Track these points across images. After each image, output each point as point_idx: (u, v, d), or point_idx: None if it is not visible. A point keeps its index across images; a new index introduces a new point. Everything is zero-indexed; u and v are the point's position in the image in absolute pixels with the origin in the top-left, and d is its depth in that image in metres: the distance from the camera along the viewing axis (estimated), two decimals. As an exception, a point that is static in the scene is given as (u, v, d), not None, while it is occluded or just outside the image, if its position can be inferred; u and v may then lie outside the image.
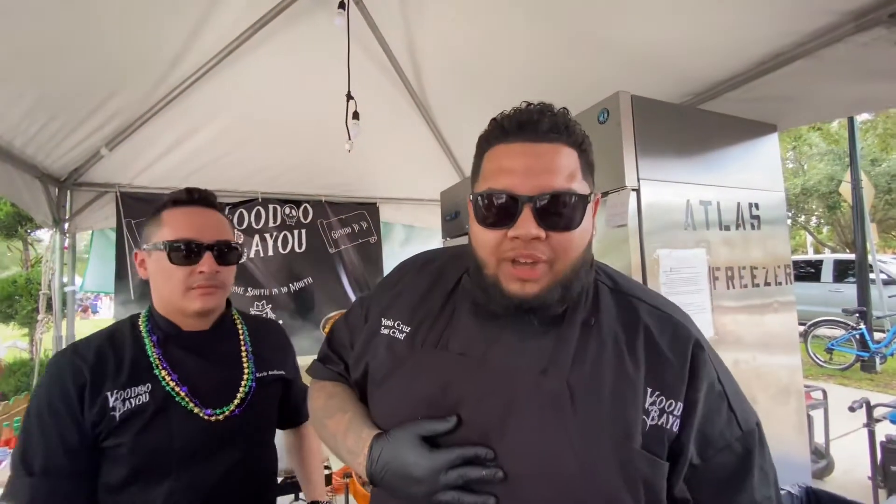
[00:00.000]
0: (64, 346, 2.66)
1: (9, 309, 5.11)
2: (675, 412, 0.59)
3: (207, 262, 0.90)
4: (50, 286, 2.74)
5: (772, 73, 1.72)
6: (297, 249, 3.30)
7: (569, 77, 2.03)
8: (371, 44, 2.31)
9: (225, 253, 0.94)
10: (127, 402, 0.84)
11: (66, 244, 2.73)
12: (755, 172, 1.57)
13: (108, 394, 0.83)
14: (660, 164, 1.34)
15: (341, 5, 1.93)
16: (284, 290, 3.25)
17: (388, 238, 3.73)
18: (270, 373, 1.02)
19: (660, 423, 0.58)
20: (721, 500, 0.61)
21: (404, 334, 0.71)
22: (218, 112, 2.50)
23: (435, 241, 3.87)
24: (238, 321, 1.05)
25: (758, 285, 1.51)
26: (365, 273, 3.51)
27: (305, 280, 3.31)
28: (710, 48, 1.75)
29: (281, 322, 2.39)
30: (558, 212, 0.58)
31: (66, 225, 2.70)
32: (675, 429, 0.59)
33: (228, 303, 1.04)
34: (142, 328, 0.93)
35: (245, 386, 0.96)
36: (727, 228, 1.46)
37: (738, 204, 1.50)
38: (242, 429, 0.93)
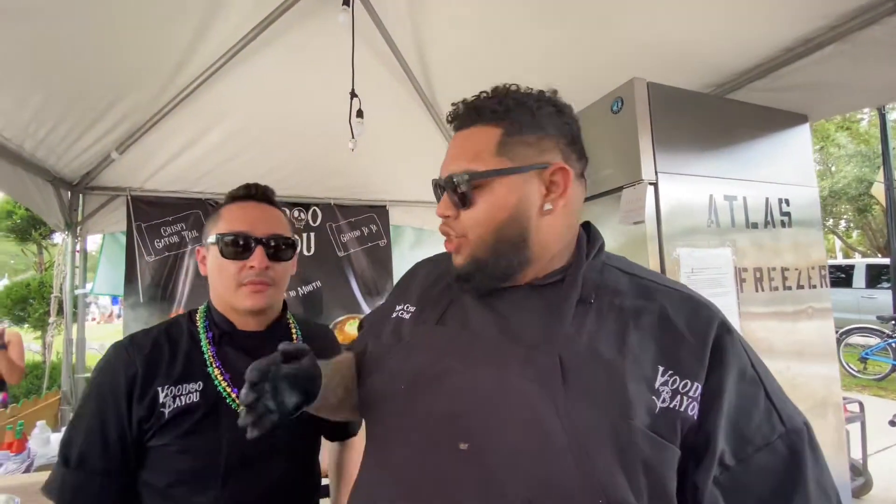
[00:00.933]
0: (74, 350, 2.66)
1: (22, 312, 5.23)
2: (690, 394, 0.52)
3: (258, 256, 0.87)
4: (62, 289, 2.76)
5: (801, 60, 1.60)
6: (305, 253, 3.27)
7: (583, 69, 1.95)
8: (377, 42, 2.27)
9: (278, 248, 0.90)
10: (178, 399, 0.81)
11: (78, 247, 2.75)
12: (785, 166, 1.46)
13: (159, 388, 0.80)
14: (679, 157, 1.24)
15: (345, 2, 1.89)
16: (293, 293, 3.21)
17: (398, 241, 3.67)
18: None
19: (672, 405, 0.52)
20: None
21: (410, 314, 0.74)
22: (225, 114, 2.49)
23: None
24: (293, 325, 1.01)
25: (789, 288, 1.39)
26: (374, 276, 3.45)
27: (314, 284, 3.27)
28: (732, 35, 1.65)
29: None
30: (453, 193, 0.63)
31: (79, 228, 2.72)
32: (693, 413, 0.51)
33: (285, 305, 1.01)
34: (199, 323, 0.91)
35: None
36: (754, 226, 1.35)
37: (767, 200, 1.39)
38: (291, 438, 0.88)
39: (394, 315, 0.76)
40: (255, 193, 0.95)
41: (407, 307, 0.76)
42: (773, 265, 1.37)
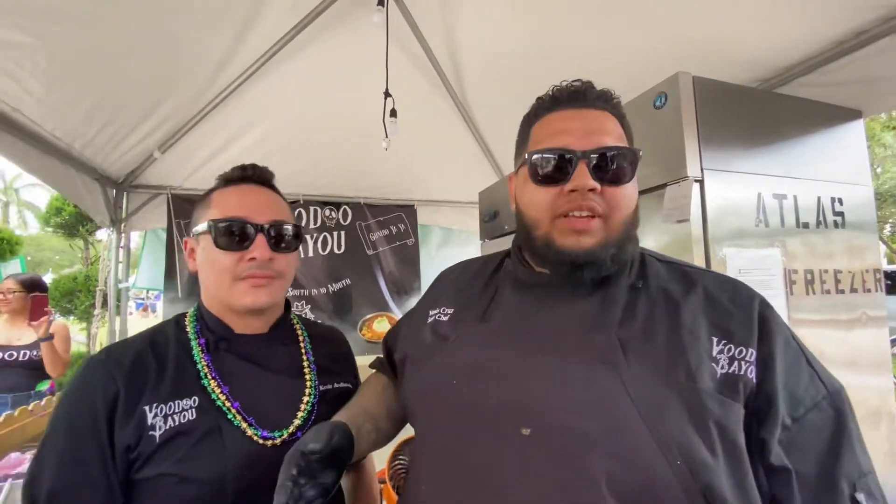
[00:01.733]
0: (117, 340, 2.77)
1: (69, 304, 5.52)
2: (747, 358, 0.56)
3: (259, 246, 0.75)
4: (106, 283, 2.89)
5: (853, 54, 1.52)
6: (336, 251, 3.32)
7: (622, 67, 1.90)
8: (410, 43, 2.28)
9: (282, 237, 0.78)
10: (169, 419, 0.67)
11: (122, 243, 2.87)
12: (838, 164, 1.39)
13: (147, 408, 0.67)
14: (726, 153, 1.19)
15: (380, 2, 1.91)
16: (324, 290, 3.27)
17: (426, 240, 3.69)
18: (335, 385, 0.86)
19: (731, 370, 0.56)
20: (823, 468, 0.54)
21: (448, 315, 0.74)
22: (262, 115, 2.55)
23: (473, 245, 3.79)
24: (298, 326, 0.90)
25: (842, 291, 1.32)
26: (402, 275, 3.48)
27: (344, 281, 3.32)
28: (778, 29, 1.58)
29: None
30: (611, 166, 0.61)
31: (122, 225, 2.85)
32: (752, 376, 0.56)
33: (287, 305, 0.89)
34: (189, 330, 0.78)
35: (307, 403, 0.78)
36: (805, 226, 1.29)
37: (819, 199, 1.32)
38: None
39: (430, 320, 0.76)
40: (251, 175, 0.82)
41: (443, 310, 0.76)
42: (825, 267, 1.30)
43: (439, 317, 0.75)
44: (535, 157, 0.64)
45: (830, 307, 1.30)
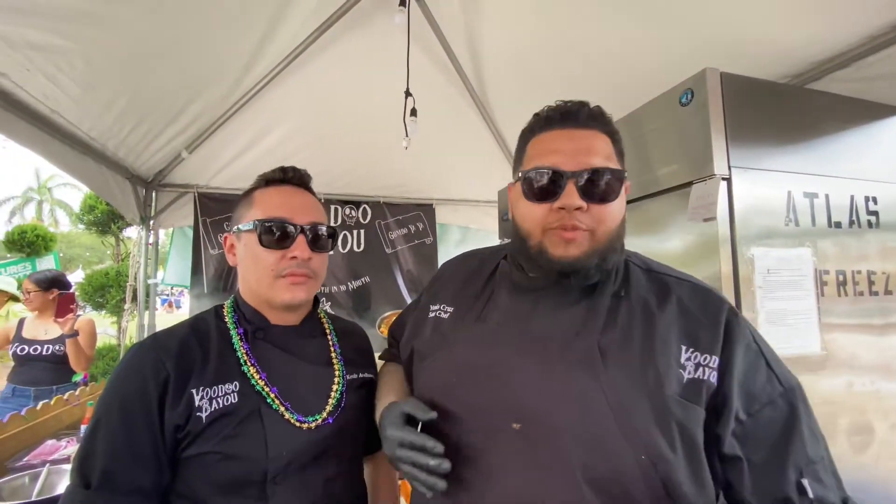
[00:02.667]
0: (146, 334, 2.86)
1: (101, 299, 5.73)
2: (711, 365, 0.63)
3: (300, 246, 0.80)
4: (136, 278, 2.99)
5: (890, 48, 1.47)
6: (355, 249, 3.37)
7: (646, 64, 1.88)
8: (431, 43, 2.30)
9: (319, 237, 0.83)
10: (214, 401, 0.72)
11: (151, 240, 2.97)
12: (872, 161, 1.34)
13: (194, 391, 0.71)
14: (755, 151, 1.17)
15: (402, 2, 1.93)
16: (343, 288, 3.32)
17: (444, 239, 3.71)
18: (360, 375, 0.91)
19: (696, 376, 0.62)
20: (773, 456, 0.61)
21: (448, 314, 0.80)
22: (285, 115, 2.60)
23: (491, 244, 3.78)
24: (325, 320, 0.95)
25: (876, 294, 1.28)
26: (420, 273, 3.50)
27: (363, 279, 3.37)
28: (809, 22, 1.54)
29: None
30: (598, 186, 0.66)
31: (151, 222, 2.94)
32: (714, 380, 0.62)
33: (316, 300, 0.93)
34: (227, 320, 0.83)
35: (336, 391, 0.83)
36: (837, 226, 1.25)
37: (852, 198, 1.28)
38: (335, 441, 0.80)
39: (431, 315, 0.83)
40: (292, 177, 0.86)
41: (443, 307, 0.82)
42: (858, 269, 1.26)
43: (440, 314, 0.82)
44: (527, 175, 0.69)
45: (863, 311, 1.25)
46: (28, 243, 5.88)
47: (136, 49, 1.82)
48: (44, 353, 2.57)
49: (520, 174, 0.72)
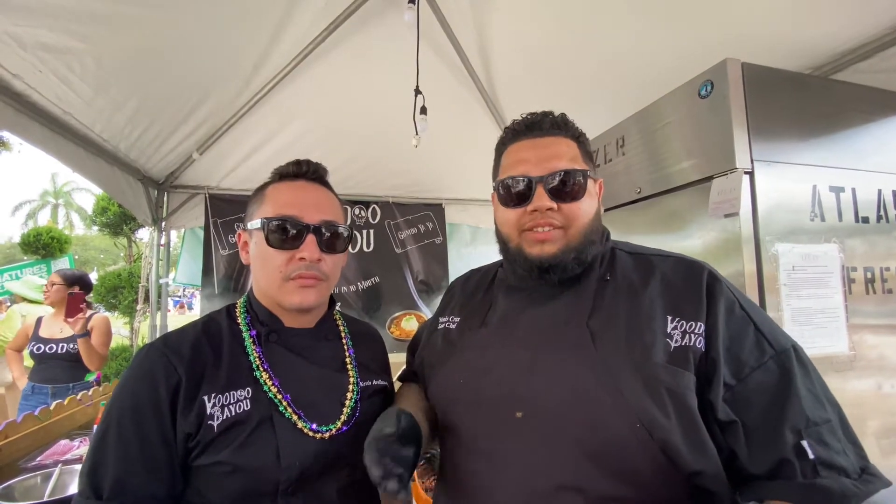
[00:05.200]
0: (157, 334, 2.88)
1: (113, 299, 5.80)
2: (696, 331, 0.65)
3: (309, 246, 0.75)
4: (148, 279, 3.01)
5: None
6: (365, 249, 3.36)
7: (661, 58, 1.84)
8: (440, 40, 2.27)
9: (331, 237, 0.78)
10: (226, 409, 0.69)
11: (163, 241, 2.99)
12: (901, 154, 1.29)
13: (206, 398, 0.68)
14: (778, 144, 1.12)
15: (411, 0, 1.91)
16: (353, 288, 3.31)
17: (454, 239, 3.68)
18: (374, 382, 0.87)
19: (683, 343, 0.64)
20: (768, 419, 0.60)
21: (455, 324, 0.87)
22: (294, 116, 2.60)
23: (502, 244, 3.75)
24: (340, 322, 0.91)
25: (906, 292, 1.23)
26: (429, 273, 3.48)
27: (373, 279, 3.36)
28: (829, 13, 1.49)
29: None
30: (565, 186, 0.72)
31: (163, 223, 2.96)
32: (700, 346, 0.63)
33: (332, 300, 0.89)
34: (240, 320, 0.79)
35: (351, 399, 0.80)
36: (865, 220, 1.20)
37: (880, 192, 1.23)
38: (349, 450, 0.75)
39: (440, 327, 0.89)
40: (306, 171, 0.81)
41: (451, 318, 0.89)
42: (887, 265, 1.21)
43: (448, 325, 0.88)
44: (501, 184, 0.76)
45: (893, 310, 1.20)
46: (43, 245, 5.98)
47: (147, 50, 1.82)
48: (59, 351, 2.63)
49: (494, 184, 0.79)
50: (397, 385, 0.99)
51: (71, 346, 2.61)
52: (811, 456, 0.57)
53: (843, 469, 0.57)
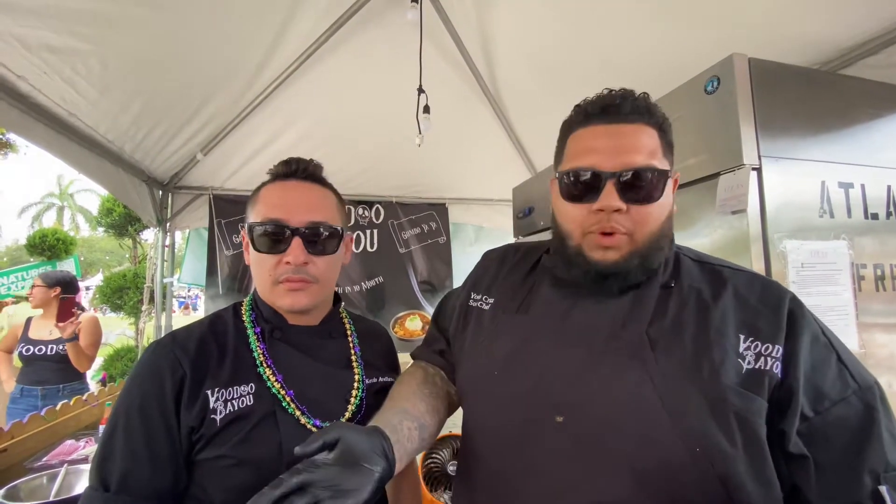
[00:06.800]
0: (163, 334, 2.89)
1: (119, 300, 5.84)
2: (774, 355, 0.58)
3: (294, 250, 0.74)
4: (153, 280, 3.01)
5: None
6: (369, 249, 3.36)
7: (666, 57, 1.83)
8: (443, 40, 2.27)
9: (318, 239, 0.76)
10: (229, 403, 0.70)
11: (167, 242, 3.00)
12: (911, 150, 1.27)
13: (209, 392, 0.69)
14: (786, 140, 1.11)
15: (414, -1, 1.91)
16: (357, 288, 3.31)
17: (458, 238, 3.68)
18: (380, 379, 0.86)
19: (757, 366, 0.58)
20: (845, 458, 0.55)
21: (489, 305, 0.79)
22: (298, 116, 2.60)
23: (505, 242, 3.74)
24: (346, 320, 0.91)
25: (917, 289, 1.21)
26: (433, 273, 3.48)
27: (377, 279, 3.36)
28: (838, 7, 1.47)
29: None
30: (638, 186, 0.63)
31: (167, 224, 2.97)
32: (778, 371, 0.58)
33: (338, 298, 0.90)
34: (245, 318, 0.80)
35: (356, 396, 0.80)
36: (874, 217, 1.19)
37: (889, 188, 1.22)
38: None
39: (471, 303, 0.82)
40: (296, 170, 0.79)
41: (485, 298, 0.80)
42: (898, 262, 1.20)
43: (482, 304, 0.80)
44: (565, 175, 0.67)
45: (904, 306, 1.19)
46: (49, 247, 6.02)
47: (151, 50, 1.82)
48: (48, 353, 2.62)
49: (558, 173, 0.69)
50: None
51: (60, 347, 2.60)
52: (888, 502, 0.53)
53: None
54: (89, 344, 2.65)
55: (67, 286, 2.76)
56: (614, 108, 0.66)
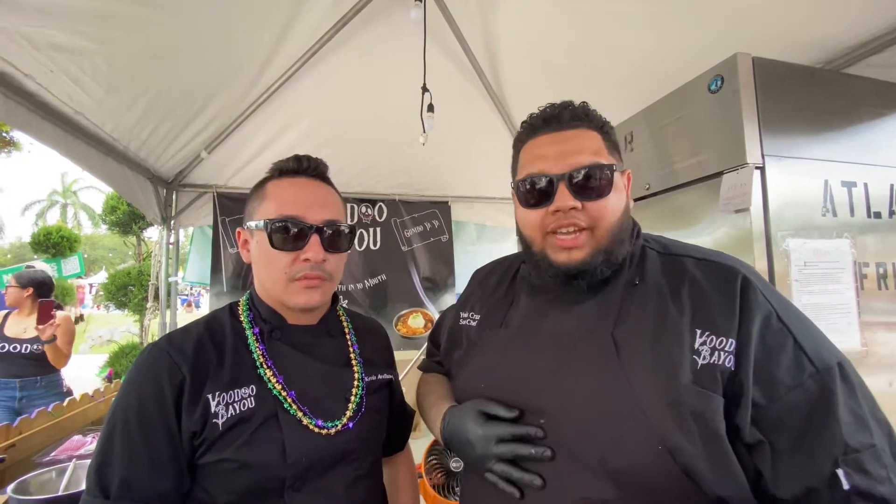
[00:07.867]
0: (167, 332, 2.91)
1: (123, 298, 5.87)
2: (727, 349, 0.59)
3: (313, 247, 0.74)
4: (158, 278, 3.03)
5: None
6: (371, 247, 3.37)
7: (670, 56, 1.83)
8: (447, 39, 2.28)
9: (335, 237, 0.77)
10: (231, 407, 0.69)
11: (171, 240, 3.01)
12: (914, 149, 1.27)
13: (210, 396, 0.68)
14: (789, 138, 1.12)
15: (418, -3, 1.91)
16: (360, 286, 3.32)
17: (460, 236, 3.69)
18: (378, 377, 0.87)
19: (712, 360, 0.59)
20: (800, 444, 0.55)
21: (476, 321, 0.84)
22: (301, 115, 2.61)
23: (509, 240, 3.75)
24: (344, 318, 0.91)
25: (919, 288, 1.22)
26: (436, 271, 3.49)
27: (379, 277, 3.37)
28: (842, 6, 1.47)
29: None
30: (589, 184, 0.66)
31: (172, 222, 2.98)
32: (730, 365, 0.58)
33: (335, 297, 0.89)
34: (242, 318, 0.79)
35: (356, 394, 0.80)
36: (877, 216, 1.19)
37: (892, 186, 1.22)
38: (355, 445, 0.76)
39: (462, 322, 0.87)
40: (307, 167, 0.79)
41: (472, 315, 0.86)
42: (900, 261, 1.20)
43: (469, 322, 0.85)
44: (520, 183, 0.71)
45: (906, 305, 1.19)
46: (53, 244, 6.05)
47: (156, 49, 1.83)
48: (23, 351, 2.71)
49: (513, 184, 0.74)
50: (404, 381, 1.00)
51: (35, 346, 2.69)
52: (846, 486, 0.52)
53: (883, 499, 0.52)
54: (65, 342, 2.76)
55: (40, 286, 2.84)
56: (555, 118, 0.71)
